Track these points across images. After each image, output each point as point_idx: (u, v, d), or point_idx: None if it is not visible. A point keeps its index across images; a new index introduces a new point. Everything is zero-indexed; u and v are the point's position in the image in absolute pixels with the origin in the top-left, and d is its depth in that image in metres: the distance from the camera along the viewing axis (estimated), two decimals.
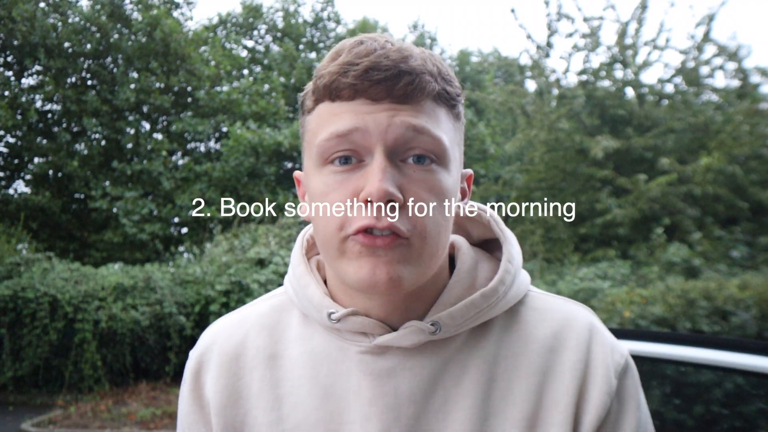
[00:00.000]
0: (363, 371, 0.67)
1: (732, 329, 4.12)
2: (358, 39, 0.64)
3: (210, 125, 13.89)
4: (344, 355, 0.69)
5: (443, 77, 0.65)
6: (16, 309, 7.34)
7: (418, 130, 0.61)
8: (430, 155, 0.63)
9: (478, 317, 0.68)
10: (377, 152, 0.61)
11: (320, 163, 0.64)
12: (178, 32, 13.54)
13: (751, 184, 7.18)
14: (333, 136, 0.62)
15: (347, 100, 0.62)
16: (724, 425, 1.96)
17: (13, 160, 13.53)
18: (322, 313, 0.69)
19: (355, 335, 0.69)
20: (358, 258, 0.61)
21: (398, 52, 0.62)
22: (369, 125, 0.61)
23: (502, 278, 0.70)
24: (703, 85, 8.26)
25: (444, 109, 0.65)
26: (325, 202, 0.63)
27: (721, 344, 1.76)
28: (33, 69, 13.37)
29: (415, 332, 0.66)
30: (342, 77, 0.61)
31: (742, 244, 6.63)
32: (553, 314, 0.71)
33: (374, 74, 0.60)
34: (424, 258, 0.63)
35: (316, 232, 0.67)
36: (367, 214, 0.60)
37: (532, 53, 9.12)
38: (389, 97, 0.61)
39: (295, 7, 18.56)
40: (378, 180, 0.59)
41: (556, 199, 8.62)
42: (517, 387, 0.66)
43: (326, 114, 0.64)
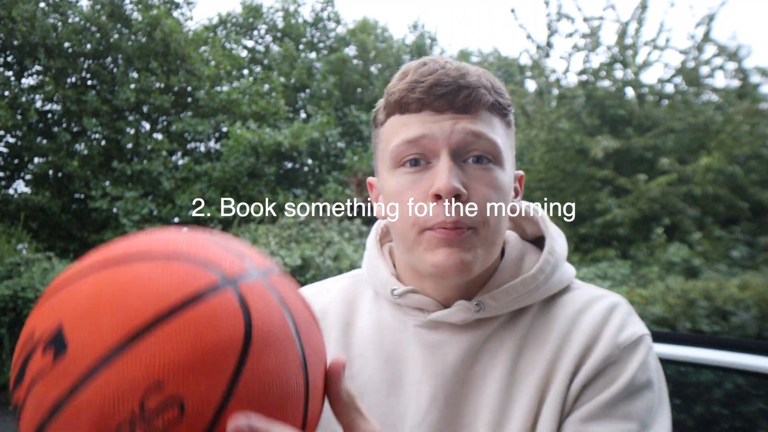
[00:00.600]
0: (418, 341, 0.79)
1: (732, 329, 4.12)
2: (422, 60, 0.77)
3: (210, 125, 13.89)
4: (403, 326, 0.81)
5: (496, 90, 0.76)
6: (16, 309, 7.33)
7: (476, 134, 0.73)
8: (488, 156, 0.74)
9: (518, 301, 0.78)
10: (443, 154, 0.72)
11: (393, 166, 0.76)
12: (178, 32, 13.53)
13: (751, 184, 7.18)
14: (404, 142, 0.74)
15: (415, 113, 0.74)
16: (724, 425, 1.96)
17: (13, 160, 13.53)
18: (387, 290, 0.82)
19: (414, 310, 0.81)
20: (434, 248, 0.73)
21: (457, 70, 0.74)
22: (435, 132, 0.72)
23: (542, 267, 0.79)
24: (703, 85, 8.26)
25: (498, 118, 0.77)
26: (400, 199, 0.75)
27: (721, 344, 1.76)
28: (33, 69, 13.37)
29: (463, 310, 0.77)
30: (410, 93, 0.74)
31: (742, 244, 6.63)
32: (583, 296, 0.80)
33: (437, 89, 0.72)
34: (488, 244, 0.74)
35: (393, 226, 0.79)
36: (438, 212, 0.72)
37: (532, 53, 9.12)
38: (451, 108, 0.73)
39: (295, 7, 18.56)
40: (446, 177, 0.71)
41: (556, 199, 8.62)
42: (539, 357, 0.75)
43: (397, 125, 0.76)
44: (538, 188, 8.84)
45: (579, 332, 0.75)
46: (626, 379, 0.71)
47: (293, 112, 17.13)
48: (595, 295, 0.80)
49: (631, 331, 0.75)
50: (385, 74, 17.32)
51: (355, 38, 17.73)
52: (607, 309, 0.77)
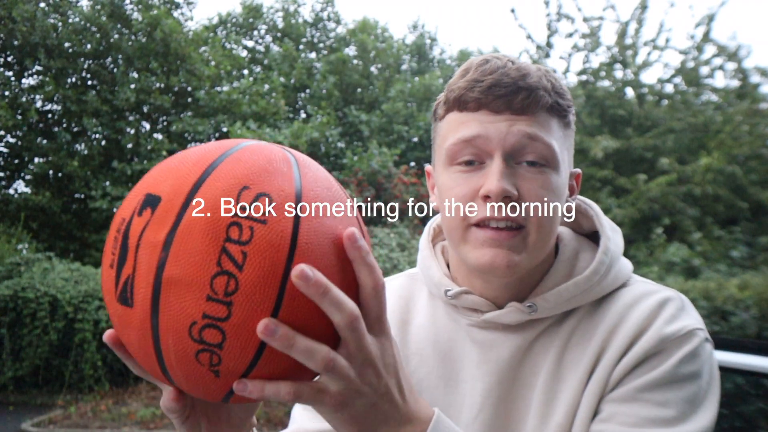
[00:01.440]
0: (471, 340, 0.81)
1: (732, 329, 4.12)
2: (485, 58, 0.77)
3: (210, 125, 13.89)
4: (457, 325, 0.83)
5: (556, 91, 0.76)
6: (17, 309, 7.34)
7: (532, 137, 0.72)
8: (542, 160, 0.73)
9: (570, 302, 0.78)
10: (496, 156, 0.72)
11: (448, 163, 0.77)
12: (178, 32, 13.53)
13: (751, 184, 7.18)
14: (459, 141, 0.75)
15: (473, 111, 0.74)
16: (724, 425, 1.96)
17: (13, 160, 13.53)
18: (441, 290, 0.83)
19: (468, 310, 0.82)
20: (481, 246, 0.73)
21: (517, 71, 0.73)
22: (490, 133, 0.73)
23: (596, 269, 0.78)
24: (702, 85, 8.26)
25: (556, 119, 0.76)
26: (451, 195, 0.76)
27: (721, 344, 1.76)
28: (33, 69, 13.36)
29: (515, 312, 0.78)
30: (469, 92, 0.74)
31: (742, 244, 6.63)
32: (636, 291, 0.78)
33: (496, 90, 0.72)
34: (537, 247, 0.74)
35: (443, 220, 0.80)
36: (486, 208, 0.72)
37: (532, 53, 9.12)
38: (508, 109, 0.73)
39: (295, 7, 18.56)
40: (497, 179, 0.71)
41: None
42: (585, 351, 0.76)
43: (455, 122, 0.76)
44: None
45: (626, 326, 0.74)
46: (668, 367, 0.70)
47: (293, 112, 17.13)
48: (648, 290, 0.78)
49: (680, 324, 0.72)
50: (385, 74, 17.32)
51: (355, 38, 17.72)
52: (658, 303, 0.75)
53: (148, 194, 0.54)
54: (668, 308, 0.74)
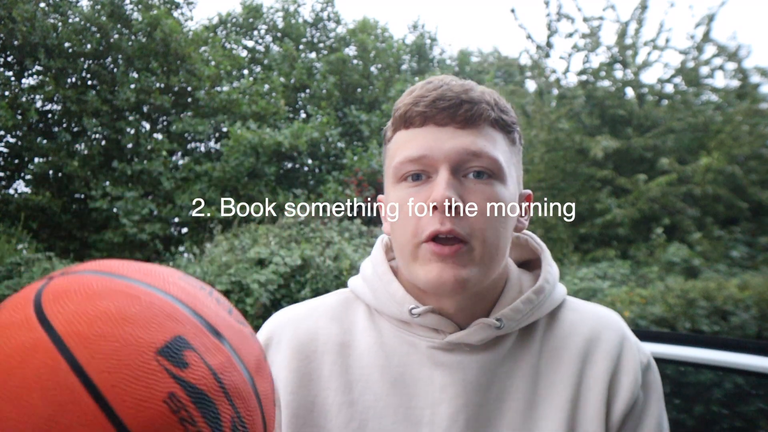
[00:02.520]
0: (434, 363, 0.77)
1: (732, 329, 4.12)
2: (429, 79, 0.79)
3: (210, 125, 13.89)
4: (414, 348, 0.79)
5: (499, 108, 0.77)
6: None
7: (476, 149, 0.73)
8: (488, 171, 0.74)
9: (532, 314, 0.79)
10: (442, 169, 0.73)
11: (396, 180, 0.78)
12: (178, 32, 13.54)
13: (751, 184, 7.18)
14: (406, 160, 0.75)
15: (419, 126, 0.75)
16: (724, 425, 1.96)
17: (13, 160, 13.53)
18: (404, 308, 0.78)
19: (428, 331, 0.79)
20: (428, 263, 0.73)
21: (460, 86, 0.75)
22: (435, 148, 0.73)
23: (546, 278, 0.81)
24: (702, 85, 8.26)
25: (501, 134, 0.77)
26: (400, 212, 0.76)
27: (721, 344, 1.76)
28: (33, 69, 13.36)
29: (483, 329, 0.76)
30: (414, 107, 0.75)
31: (742, 244, 6.63)
32: (590, 314, 0.82)
33: (440, 103, 0.74)
34: (485, 261, 0.73)
35: (394, 239, 0.79)
36: (434, 222, 0.71)
37: (532, 53, 9.12)
38: (453, 122, 0.74)
39: (295, 7, 18.56)
40: (442, 188, 0.71)
41: (556, 199, 8.61)
42: (559, 375, 0.76)
43: (402, 140, 0.77)
44: (538, 188, 8.84)
45: (600, 353, 0.78)
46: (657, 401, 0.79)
47: (293, 112, 17.13)
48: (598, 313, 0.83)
49: (644, 351, 0.81)
50: (385, 74, 17.32)
51: (355, 38, 17.72)
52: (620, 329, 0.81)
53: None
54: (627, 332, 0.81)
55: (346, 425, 0.76)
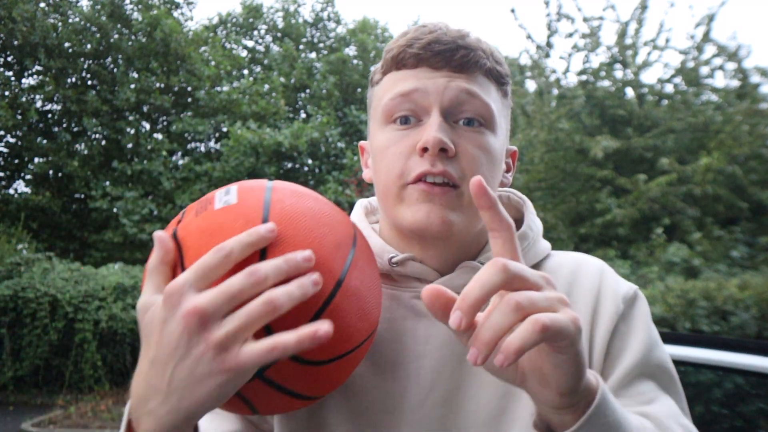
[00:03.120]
0: (416, 315, 0.75)
1: (732, 329, 4.12)
2: (423, 23, 0.76)
3: (210, 125, 13.89)
4: (397, 302, 0.76)
5: (494, 58, 0.76)
6: (17, 309, 7.34)
7: (470, 93, 0.72)
8: (479, 119, 0.73)
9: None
10: (434, 111, 0.71)
11: (384, 122, 0.75)
12: (178, 32, 13.54)
13: (751, 184, 7.18)
14: (397, 95, 0.73)
15: (411, 68, 0.73)
16: (724, 425, 1.96)
17: (13, 160, 13.53)
18: (383, 258, 0.77)
19: (410, 281, 0.77)
20: (415, 203, 0.71)
21: (456, 32, 0.74)
22: (428, 87, 0.72)
23: (529, 225, 0.81)
24: (702, 85, 8.26)
25: (494, 85, 0.76)
26: (387, 153, 0.73)
27: (721, 344, 1.76)
28: (33, 69, 13.37)
29: (466, 272, 0.74)
30: (408, 49, 0.73)
31: (742, 244, 6.63)
32: (570, 258, 0.82)
33: (435, 46, 0.72)
34: (473, 207, 0.70)
35: (377, 184, 0.77)
36: (424, 163, 0.70)
37: (532, 53, 9.12)
38: (447, 66, 0.72)
39: (295, 7, 18.56)
40: (434, 131, 0.69)
41: (556, 199, 8.62)
42: None
43: (392, 81, 0.75)
44: (538, 188, 8.84)
45: (580, 292, 0.76)
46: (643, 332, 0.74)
47: (293, 112, 17.13)
48: (579, 256, 0.82)
49: (626, 284, 0.78)
50: None
51: (355, 38, 17.73)
52: (598, 268, 0.79)
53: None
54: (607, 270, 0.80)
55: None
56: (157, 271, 0.57)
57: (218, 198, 0.61)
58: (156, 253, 0.57)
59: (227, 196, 0.61)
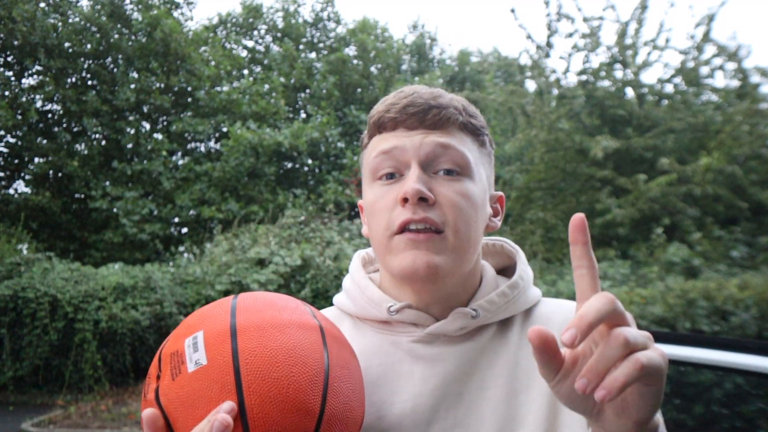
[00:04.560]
0: (414, 357, 0.80)
1: (732, 329, 4.12)
2: (401, 89, 0.84)
3: (210, 125, 13.89)
4: (396, 347, 0.81)
5: (468, 113, 0.82)
6: (17, 309, 7.34)
7: (445, 146, 0.78)
8: (456, 168, 0.78)
9: (506, 307, 0.82)
10: (413, 165, 0.77)
11: (371, 179, 0.82)
12: (178, 32, 13.54)
13: (751, 184, 7.18)
14: (380, 153, 0.80)
15: (391, 131, 0.81)
16: (724, 425, 1.96)
17: (13, 160, 13.54)
18: (382, 307, 0.82)
19: (407, 327, 0.82)
20: (402, 251, 0.76)
21: (429, 93, 0.81)
22: (406, 144, 0.78)
23: (521, 275, 0.85)
24: (702, 85, 8.26)
25: (469, 137, 0.82)
26: (375, 209, 0.80)
27: (721, 344, 1.76)
28: (33, 69, 13.37)
29: (460, 317, 0.79)
30: (386, 113, 0.80)
31: (742, 244, 6.63)
32: (564, 306, 0.85)
33: (410, 109, 0.79)
34: (458, 250, 0.76)
35: (372, 236, 0.82)
36: (405, 212, 0.75)
37: (532, 53, 9.12)
38: (422, 125, 0.79)
39: (295, 7, 18.57)
40: (413, 182, 0.75)
41: (556, 199, 8.62)
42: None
43: (376, 142, 0.82)
44: (538, 188, 8.85)
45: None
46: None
47: (293, 112, 17.13)
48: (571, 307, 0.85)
49: None
50: (385, 74, 17.32)
51: (355, 38, 17.73)
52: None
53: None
54: None
55: None
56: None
57: (188, 355, 0.64)
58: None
59: (196, 354, 0.63)
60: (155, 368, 0.67)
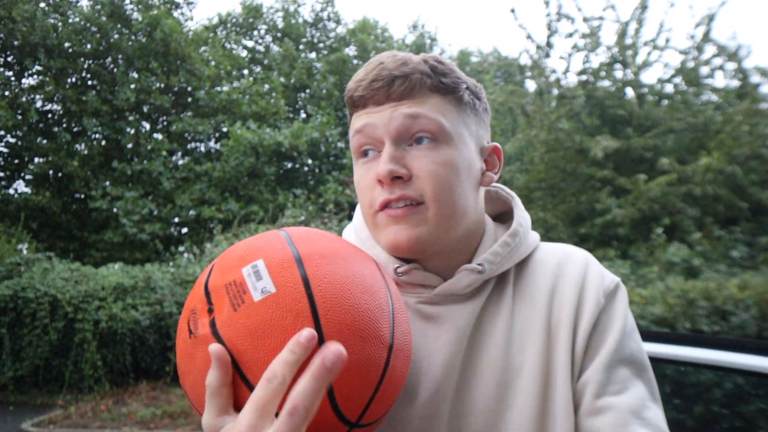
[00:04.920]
0: (423, 317, 0.81)
1: (732, 329, 4.12)
2: (370, 60, 0.82)
3: (210, 125, 13.89)
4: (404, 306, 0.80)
5: (437, 72, 0.79)
6: (17, 309, 7.34)
7: (413, 116, 0.76)
8: (428, 135, 0.77)
9: (510, 257, 0.83)
10: (386, 142, 0.77)
11: (355, 157, 0.83)
12: (178, 32, 13.54)
13: (751, 184, 7.18)
14: (355, 132, 0.81)
15: (362, 108, 0.81)
16: (724, 425, 1.96)
17: (14, 160, 13.53)
18: (389, 268, 0.82)
19: (414, 287, 0.82)
20: (385, 228, 0.77)
21: (395, 62, 0.78)
22: (376, 121, 0.78)
23: (519, 222, 0.86)
24: (702, 85, 8.26)
25: (443, 98, 0.79)
26: (359, 187, 0.81)
27: (721, 344, 1.76)
28: (33, 69, 13.37)
29: (467, 275, 0.80)
30: (355, 92, 0.81)
31: (742, 244, 6.63)
32: (558, 250, 0.87)
33: (375, 84, 0.78)
34: (441, 219, 0.76)
35: (362, 212, 0.83)
36: (384, 192, 0.76)
37: (532, 53, 9.11)
38: (389, 99, 0.77)
39: (295, 7, 18.56)
40: (384, 163, 0.75)
41: (556, 199, 8.62)
42: (533, 312, 0.80)
43: (354, 121, 0.83)
44: (538, 188, 8.84)
45: (566, 285, 0.81)
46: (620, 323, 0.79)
47: (293, 112, 17.13)
48: (564, 249, 0.86)
49: (609, 277, 0.83)
50: None
51: (355, 38, 17.73)
52: (583, 261, 0.84)
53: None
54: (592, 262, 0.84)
55: None
56: (219, 393, 0.58)
57: (251, 284, 0.60)
58: (215, 374, 0.58)
59: (261, 282, 0.60)
60: (203, 302, 0.62)
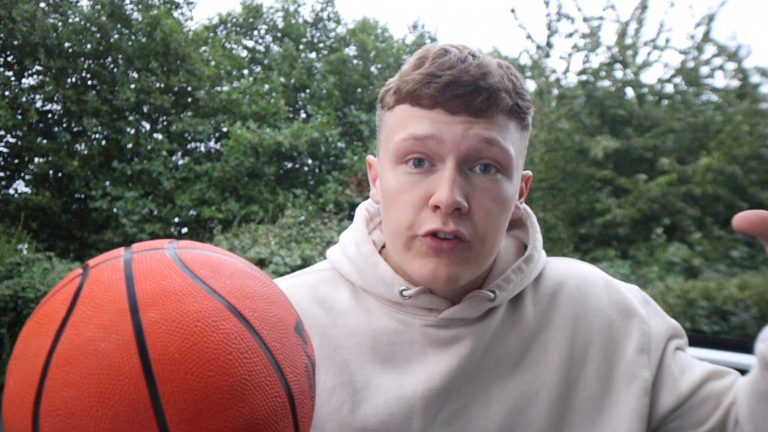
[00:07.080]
0: (428, 340, 0.76)
1: (732, 329, 4.12)
2: (443, 48, 0.70)
3: (210, 125, 13.89)
4: (407, 327, 0.77)
5: (517, 92, 0.71)
6: (17, 309, 7.34)
7: (489, 141, 0.68)
8: (496, 165, 0.69)
9: (522, 282, 0.78)
10: (449, 161, 0.67)
11: (395, 161, 0.71)
12: (178, 32, 13.53)
13: (751, 184, 7.18)
14: (410, 137, 0.69)
15: (427, 108, 0.68)
16: None
17: (13, 160, 13.53)
18: (393, 289, 0.76)
19: (421, 310, 0.77)
20: (424, 257, 0.69)
21: (478, 68, 0.67)
22: (445, 135, 0.67)
23: (535, 246, 0.81)
24: (703, 85, 8.25)
25: (514, 122, 0.72)
26: (397, 199, 0.70)
27: (721, 344, 1.76)
28: (33, 69, 13.36)
29: (477, 301, 0.75)
30: (424, 87, 0.68)
31: (742, 244, 6.63)
32: (570, 273, 0.83)
33: (454, 89, 0.66)
34: (481, 259, 0.72)
35: (387, 224, 0.74)
36: (435, 220, 0.68)
37: (532, 53, 9.12)
38: (466, 111, 0.67)
39: (295, 7, 18.55)
40: (448, 190, 0.66)
41: (556, 199, 8.62)
42: (551, 339, 0.77)
43: (406, 115, 0.70)
44: (538, 188, 8.84)
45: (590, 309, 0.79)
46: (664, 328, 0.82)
47: (293, 112, 17.12)
48: (578, 269, 0.85)
49: (635, 293, 0.84)
50: (385, 74, 17.31)
51: (355, 38, 17.72)
52: (603, 281, 0.83)
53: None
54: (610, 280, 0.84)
55: (339, 408, 0.74)
56: None
57: None
58: None
59: None
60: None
